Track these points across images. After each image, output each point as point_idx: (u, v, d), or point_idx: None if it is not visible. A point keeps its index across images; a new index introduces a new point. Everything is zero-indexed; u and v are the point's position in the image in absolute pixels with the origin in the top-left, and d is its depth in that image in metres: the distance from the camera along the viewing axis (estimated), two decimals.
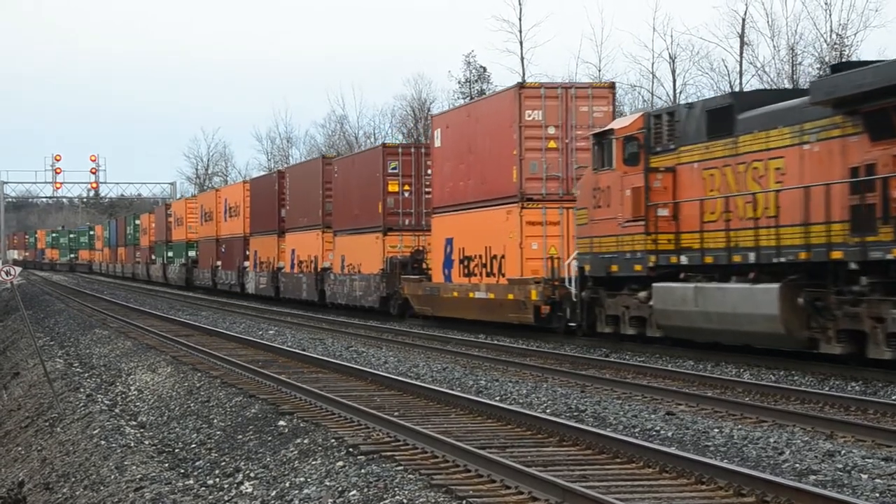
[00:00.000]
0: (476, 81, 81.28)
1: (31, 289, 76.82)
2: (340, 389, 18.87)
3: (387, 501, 10.81)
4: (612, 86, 32.68)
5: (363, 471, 12.07)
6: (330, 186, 46.84)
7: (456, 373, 21.90)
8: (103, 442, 17.13)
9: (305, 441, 14.19)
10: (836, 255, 19.97)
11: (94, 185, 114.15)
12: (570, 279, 28.34)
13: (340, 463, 12.66)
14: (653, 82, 67.42)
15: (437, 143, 36.50)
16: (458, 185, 34.73)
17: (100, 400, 21.69)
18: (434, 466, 12.18)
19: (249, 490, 12.76)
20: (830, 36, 56.48)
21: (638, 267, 25.14)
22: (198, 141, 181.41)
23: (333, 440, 13.88)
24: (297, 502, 11.68)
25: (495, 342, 29.22)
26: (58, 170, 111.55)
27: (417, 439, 13.46)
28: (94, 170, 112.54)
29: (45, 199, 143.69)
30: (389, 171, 41.04)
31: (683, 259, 24.08)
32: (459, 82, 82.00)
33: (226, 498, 12.73)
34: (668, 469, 11.39)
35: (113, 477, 14.91)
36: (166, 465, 15.07)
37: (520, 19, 70.15)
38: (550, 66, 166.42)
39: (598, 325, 27.18)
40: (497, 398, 17.72)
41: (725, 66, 61.03)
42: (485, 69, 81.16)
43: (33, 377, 28.02)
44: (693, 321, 23.28)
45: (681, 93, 65.26)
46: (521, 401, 17.57)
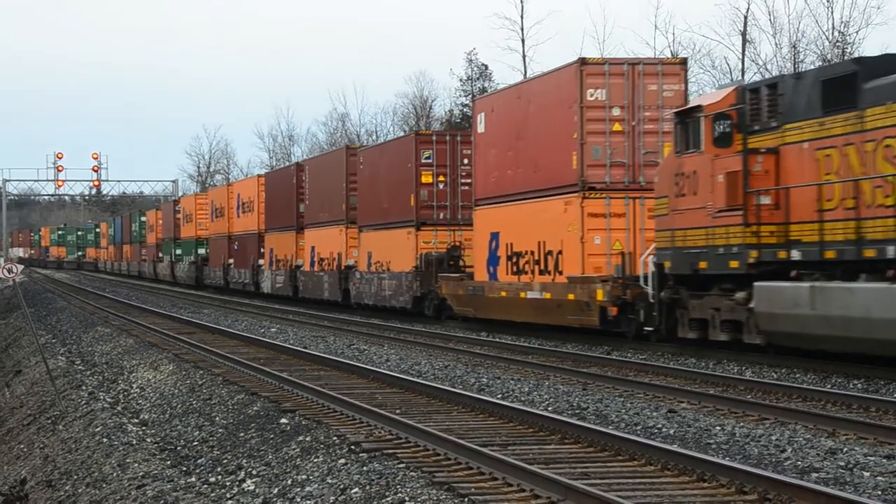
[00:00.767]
0: (478, 79, 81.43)
1: (33, 286, 76.84)
2: (342, 387, 18.88)
3: (388, 499, 10.81)
4: (683, 62, 29.63)
5: (365, 468, 12.07)
6: (355, 179, 43.74)
7: (458, 371, 21.91)
8: (105, 440, 17.13)
9: (307, 439, 14.20)
10: None
11: (96, 182, 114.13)
12: (645, 277, 25.12)
13: (342, 461, 12.66)
14: None
15: (479, 129, 33.45)
16: (505, 174, 31.87)
17: (102, 398, 21.69)
18: (436, 464, 12.18)
19: (251, 488, 12.76)
20: (832, 33, 56.47)
21: (734, 263, 21.96)
22: (199, 139, 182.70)
23: (335, 438, 13.89)
24: (299, 500, 11.69)
25: (497, 340, 29.20)
26: (59, 167, 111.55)
27: (419, 437, 13.47)
28: (95, 167, 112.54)
29: (46, 197, 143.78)
30: (423, 160, 37.96)
31: (795, 254, 20.89)
32: (461, 80, 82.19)
33: (228, 495, 12.73)
34: (670, 467, 11.40)
35: (115, 475, 14.91)
36: (168, 462, 15.07)
37: (521, 17, 70.64)
38: (552, 64, 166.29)
39: (680, 330, 24.11)
40: (499, 396, 17.73)
41: (727, 64, 60.89)
42: (486, 67, 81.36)
43: (35, 375, 28.02)
44: (808, 327, 20.18)
45: None
46: (522, 398, 17.58)
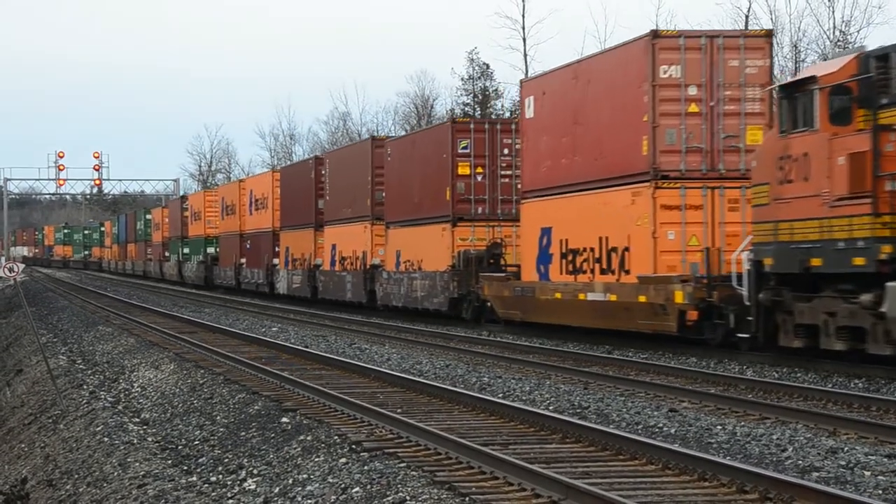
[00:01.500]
0: (479, 78, 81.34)
1: (34, 286, 76.85)
2: (343, 386, 18.88)
3: (389, 498, 10.81)
4: (769, 34, 26.04)
5: (366, 468, 12.07)
6: (381, 172, 40.97)
7: (459, 370, 21.90)
8: (106, 439, 17.12)
9: (308, 438, 14.19)
10: None
11: (98, 181, 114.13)
12: (739, 277, 22.31)
13: (343, 460, 12.66)
14: None
15: (528, 114, 30.56)
16: (558, 162, 28.90)
17: (103, 397, 21.68)
18: (437, 463, 12.18)
19: (252, 487, 12.76)
20: (833, 33, 56.44)
21: (859, 260, 19.00)
22: (201, 138, 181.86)
23: (336, 437, 13.88)
24: (300, 499, 11.68)
25: (498, 339, 29.17)
26: (61, 167, 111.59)
27: (420, 436, 13.47)
28: (97, 167, 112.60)
29: (47, 197, 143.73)
30: (459, 150, 35.30)
31: None
32: (462, 79, 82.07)
33: (229, 495, 12.73)
34: (671, 466, 11.39)
35: (116, 474, 14.91)
36: (169, 462, 15.07)
37: (523, 16, 70.40)
38: (554, 63, 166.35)
39: (782, 337, 21.16)
40: (500, 395, 17.72)
41: None
42: (488, 66, 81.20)
43: (36, 374, 28.01)
44: None
45: None
46: (523, 398, 17.58)
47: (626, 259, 25.84)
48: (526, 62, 69.17)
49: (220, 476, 13.75)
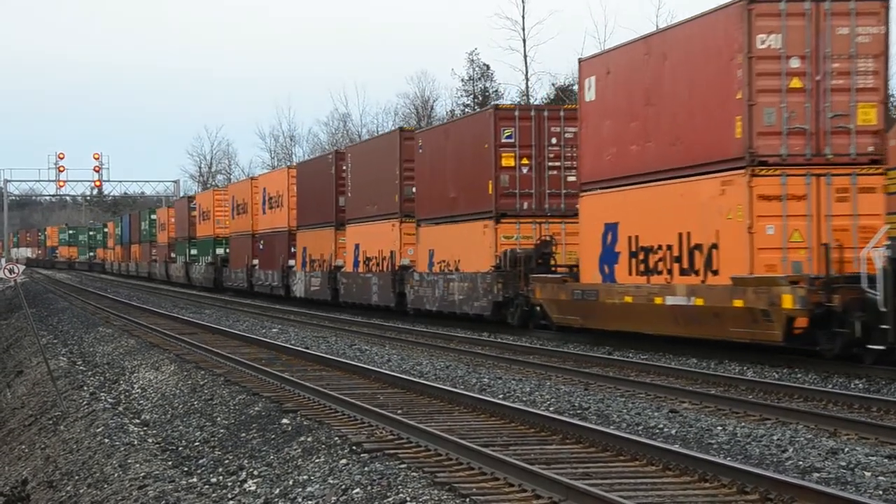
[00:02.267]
0: (479, 79, 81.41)
1: (34, 287, 76.87)
2: (344, 387, 18.89)
3: (390, 499, 10.81)
4: None
5: (366, 469, 12.08)
6: (411, 166, 38.12)
7: (459, 371, 21.90)
8: (107, 440, 17.13)
9: (309, 439, 14.20)
10: None
11: (98, 183, 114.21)
12: (870, 278, 19.45)
13: (344, 461, 12.66)
14: None
15: (588, 97, 27.38)
16: (626, 149, 25.75)
17: (103, 398, 21.69)
18: (437, 464, 12.18)
19: (253, 488, 12.76)
20: None
21: None
22: (201, 139, 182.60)
23: (337, 438, 13.89)
24: (300, 500, 11.69)
25: (498, 340, 29.17)
26: (61, 168, 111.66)
27: (421, 437, 13.47)
28: (97, 168, 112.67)
29: (48, 198, 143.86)
30: (503, 140, 32.24)
31: None
32: (462, 80, 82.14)
33: (229, 496, 12.73)
34: (672, 467, 11.40)
35: (116, 475, 14.92)
36: (170, 463, 15.07)
37: (523, 17, 70.17)
38: (554, 64, 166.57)
39: None
40: (500, 396, 17.73)
41: None
42: (488, 67, 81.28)
43: (37, 375, 28.02)
44: None
45: None
46: (524, 399, 17.58)
47: (713, 258, 22.80)
48: (526, 63, 69.24)
49: (221, 477, 13.75)
